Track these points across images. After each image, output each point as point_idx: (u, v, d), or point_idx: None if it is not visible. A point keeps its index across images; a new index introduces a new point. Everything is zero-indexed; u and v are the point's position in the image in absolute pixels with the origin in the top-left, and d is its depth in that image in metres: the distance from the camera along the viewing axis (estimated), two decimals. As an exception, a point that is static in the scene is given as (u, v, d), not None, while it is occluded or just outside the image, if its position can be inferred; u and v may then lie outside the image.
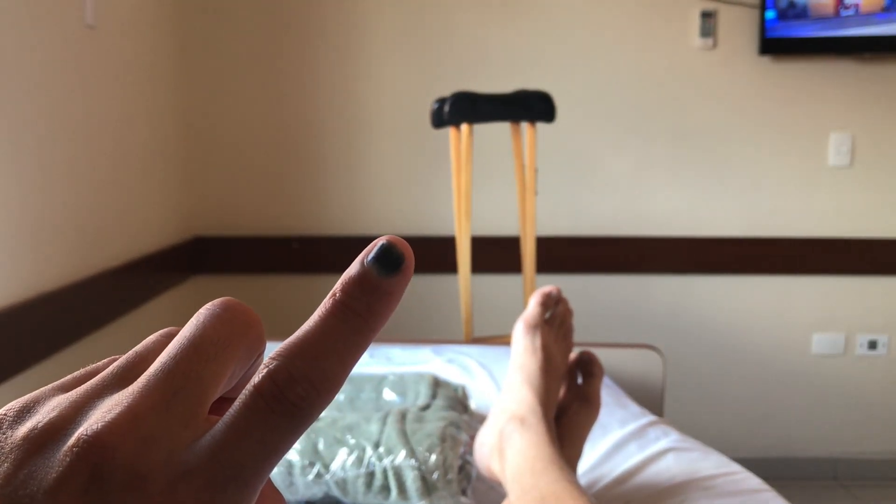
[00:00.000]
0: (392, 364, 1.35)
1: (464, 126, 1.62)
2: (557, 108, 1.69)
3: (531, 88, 1.70)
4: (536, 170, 1.70)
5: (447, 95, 1.65)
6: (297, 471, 0.83)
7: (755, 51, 2.27)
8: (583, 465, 0.95)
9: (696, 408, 2.40)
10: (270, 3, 2.25)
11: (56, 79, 1.45)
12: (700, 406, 2.40)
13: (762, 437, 2.43)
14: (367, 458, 0.83)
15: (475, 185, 2.08)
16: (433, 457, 0.82)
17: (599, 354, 0.92)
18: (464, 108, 1.61)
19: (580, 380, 0.88)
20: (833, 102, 2.30)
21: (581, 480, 0.91)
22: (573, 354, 0.89)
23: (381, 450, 0.83)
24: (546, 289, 0.90)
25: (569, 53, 2.28)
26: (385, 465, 0.82)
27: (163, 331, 0.24)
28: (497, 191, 2.26)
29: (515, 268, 1.96)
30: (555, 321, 0.89)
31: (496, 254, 2.25)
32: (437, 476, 0.81)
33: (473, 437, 0.90)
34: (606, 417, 1.06)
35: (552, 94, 1.66)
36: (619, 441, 1.01)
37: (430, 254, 2.25)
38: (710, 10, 2.26)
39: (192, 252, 2.26)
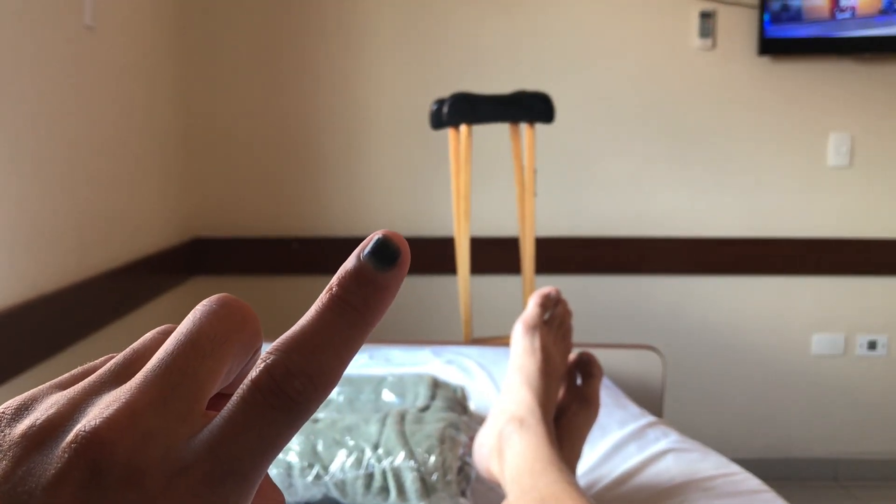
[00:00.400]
0: (391, 365, 1.35)
1: (463, 127, 1.62)
2: (556, 109, 1.69)
3: (530, 89, 1.70)
4: (535, 170, 1.70)
5: (446, 96, 1.65)
6: (297, 472, 0.83)
7: (754, 51, 2.27)
8: (582, 466, 0.95)
9: (696, 408, 2.40)
10: (270, 4, 2.25)
11: (55, 80, 1.45)
12: (700, 407, 2.40)
13: (762, 438, 2.43)
14: (367, 460, 0.83)
15: (474, 186, 2.08)
16: (432, 458, 0.82)
17: (599, 355, 0.92)
18: (463, 109, 1.61)
19: (579, 381, 0.87)
20: (832, 103, 2.30)
21: (580, 481, 0.91)
22: (572, 355, 0.89)
23: (381, 451, 0.83)
24: (545, 290, 0.90)
25: (568, 54, 2.28)
26: (384, 467, 0.82)
27: (159, 328, 0.24)
28: (496, 191, 2.26)
29: (515, 268, 1.96)
30: (554, 322, 0.89)
31: (495, 254, 2.25)
32: (437, 477, 0.81)
33: (473, 439, 0.90)
34: (606, 418, 1.06)
35: (551, 95, 1.66)
36: (619, 442, 1.01)
37: (430, 255, 2.25)
38: (710, 11, 2.26)
39: (192, 253, 2.26)
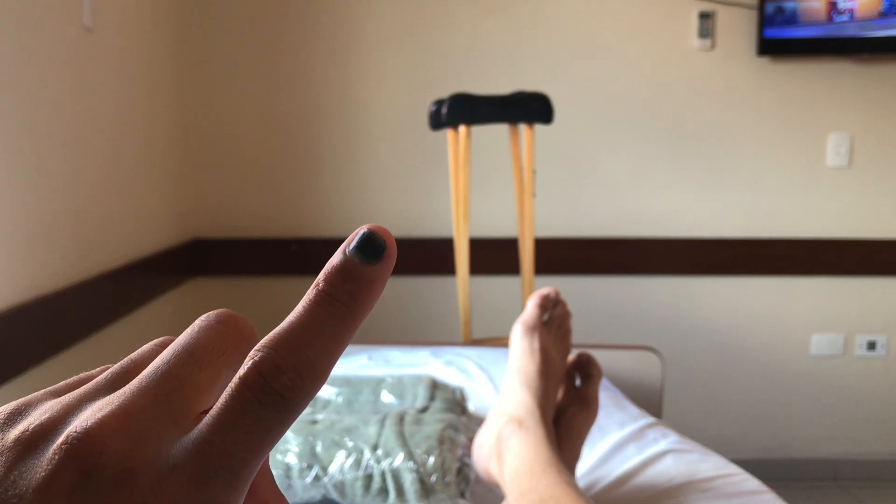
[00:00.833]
0: (390, 366, 1.35)
1: (462, 128, 1.62)
2: (555, 110, 1.69)
3: (529, 90, 1.70)
4: (534, 171, 1.70)
5: (445, 97, 1.65)
6: (296, 473, 0.83)
7: (753, 52, 2.27)
8: (581, 468, 0.95)
9: (695, 409, 2.40)
10: (269, 5, 2.25)
11: (54, 81, 1.45)
12: (699, 407, 2.40)
13: (761, 439, 2.43)
14: (366, 461, 0.83)
15: (473, 187, 2.09)
16: (431, 459, 0.82)
17: (598, 356, 0.92)
18: (462, 110, 1.61)
19: (578, 382, 0.87)
20: (831, 103, 2.30)
21: (580, 482, 0.91)
22: (571, 356, 0.89)
23: (380, 452, 0.83)
24: (544, 291, 0.90)
25: (567, 55, 2.28)
26: (383, 468, 0.82)
27: (157, 340, 0.24)
28: (495, 192, 2.26)
29: (514, 269, 1.96)
30: (553, 323, 0.89)
31: (494, 255, 2.25)
32: (436, 478, 0.81)
33: (472, 440, 0.90)
34: (605, 419, 1.06)
35: (550, 96, 1.66)
36: (618, 443, 1.01)
37: (429, 255, 2.25)
38: (709, 11, 2.26)
39: (191, 254, 2.26)
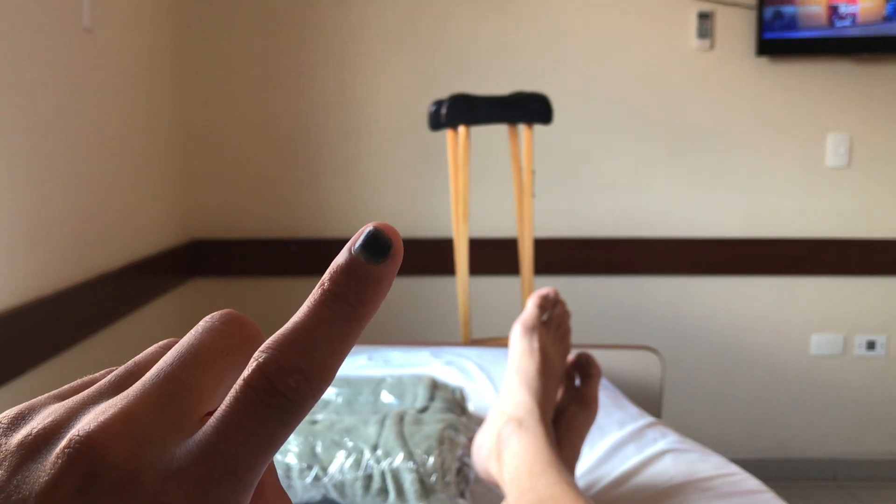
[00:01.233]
0: (390, 366, 1.35)
1: (461, 128, 1.62)
2: (554, 110, 1.69)
3: (528, 90, 1.70)
4: (534, 171, 1.70)
5: (444, 97, 1.65)
6: (296, 474, 0.83)
7: (753, 52, 2.27)
8: (581, 467, 0.95)
9: (695, 409, 2.40)
10: (268, 6, 2.25)
11: (53, 82, 1.45)
12: (698, 407, 2.40)
13: (761, 438, 2.43)
14: (365, 461, 0.83)
15: (473, 187, 2.09)
16: (431, 459, 0.82)
17: (597, 356, 0.92)
18: (461, 111, 1.61)
19: (578, 381, 0.88)
20: (831, 103, 2.30)
21: (579, 482, 0.91)
22: (571, 356, 0.89)
23: (380, 452, 0.83)
24: (543, 291, 0.90)
25: (566, 55, 2.28)
26: (383, 468, 0.82)
27: (161, 342, 0.24)
28: (495, 193, 2.26)
29: (513, 269, 1.96)
30: (552, 323, 0.89)
31: (494, 255, 2.25)
32: (436, 478, 0.81)
33: (471, 440, 0.90)
34: (604, 419, 1.06)
35: (549, 96, 1.66)
36: (618, 443, 1.01)
37: (428, 256, 2.25)
38: (708, 12, 2.26)
39: (191, 255, 2.26)
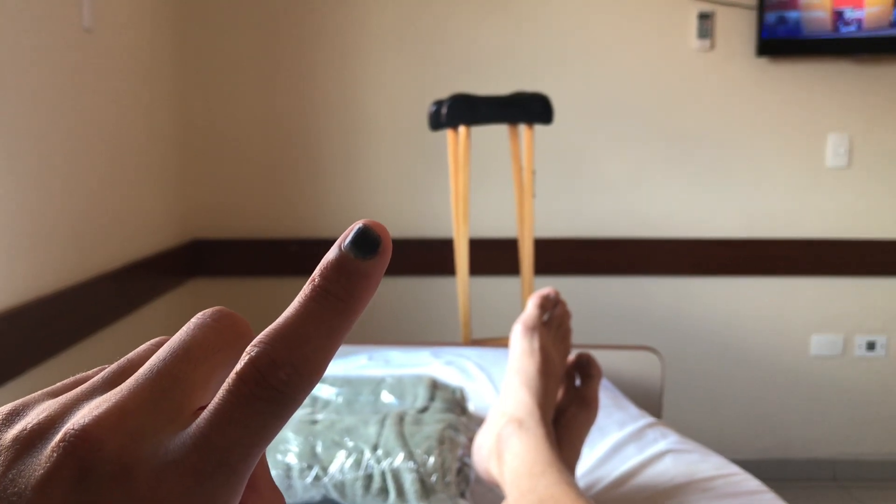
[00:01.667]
0: (390, 366, 1.35)
1: (461, 128, 1.62)
2: (555, 110, 1.69)
3: (529, 90, 1.70)
4: (534, 172, 1.70)
5: (445, 97, 1.65)
6: (296, 473, 0.83)
7: (753, 52, 2.27)
8: (581, 468, 0.95)
9: (695, 409, 2.40)
10: (268, 6, 2.25)
11: (53, 82, 1.45)
12: (699, 408, 2.40)
13: (761, 439, 2.43)
14: (366, 461, 0.83)
15: (473, 187, 2.08)
16: (431, 459, 0.82)
17: (598, 356, 0.92)
18: (461, 111, 1.61)
19: (578, 382, 0.87)
20: (831, 103, 2.30)
21: (579, 483, 0.91)
22: (571, 356, 0.89)
23: (380, 452, 0.83)
24: (544, 291, 0.90)
25: (566, 55, 2.28)
26: (383, 468, 0.82)
27: (153, 340, 0.25)
28: (495, 193, 2.26)
29: (513, 270, 1.96)
30: (553, 323, 0.89)
31: (494, 256, 2.25)
32: (436, 478, 0.81)
33: (472, 440, 0.90)
34: (605, 419, 1.06)
35: (550, 96, 1.66)
36: (618, 443, 1.01)
37: (429, 256, 2.25)
38: (708, 12, 2.26)
39: (190, 255, 2.26)
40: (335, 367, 1.33)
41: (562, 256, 2.31)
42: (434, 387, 1.04)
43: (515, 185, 1.70)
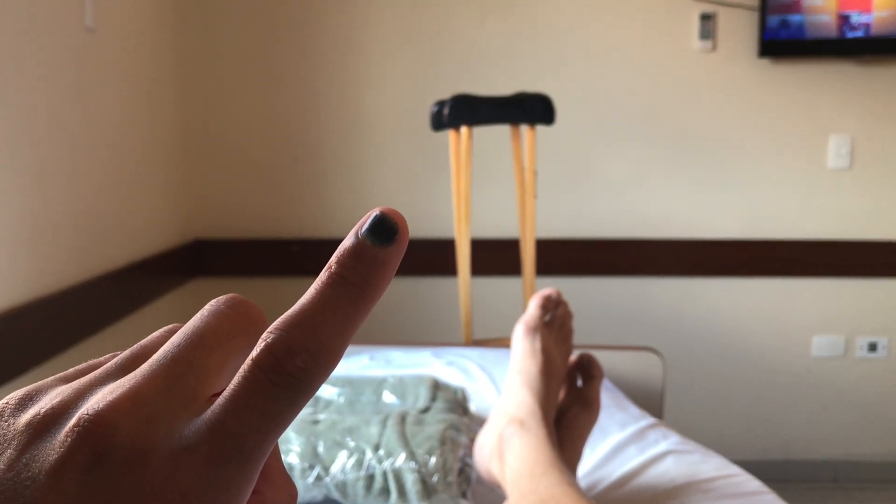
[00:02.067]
0: (392, 367, 1.35)
1: (463, 129, 1.62)
2: (557, 111, 1.69)
3: (530, 91, 1.70)
4: (536, 173, 1.70)
5: (446, 98, 1.65)
6: (297, 473, 0.83)
7: (754, 53, 2.27)
8: (582, 468, 0.95)
9: (697, 410, 2.40)
10: (270, 7, 2.25)
11: (56, 82, 1.45)
12: (700, 409, 2.40)
13: (762, 440, 2.43)
14: (367, 461, 0.83)
15: (475, 188, 2.09)
16: (433, 459, 0.82)
17: (599, 357, 0.92)
18: (463, 111, 1.62)
19: (580, 382, 0.88)
20: (832, 105, 2.30)
21: (581, 483, 0.91)
22: (573, 357, 0.89)
23: (381, 452, 0.83)
24: (546, 291, 0.90)
25: (568, 56, 2.28)
26: (385, 468, 0.82)
27: (167, 327, 0.25)
28: (497, 193, 2.26)
29: (515, 270, 1.96)
30: (555, 324, 0.89)
31: (496, 256, 2.25)
32: (437, 478, 0.81)
33: (473, 440, 0.90)
34: (606, 420, 1.06)
35: (552, 97, 1.66)
36: (619, 444, 1.01)
37: (430, 256, 2.25)
38: (710, 13, 2.26)
39: (192, 255, 2.26)
40: (336, 368, 1.32)
41: (563, 257, 2.31)
42: (436, 387, 1.04)
43: (517, 186, 1.70)
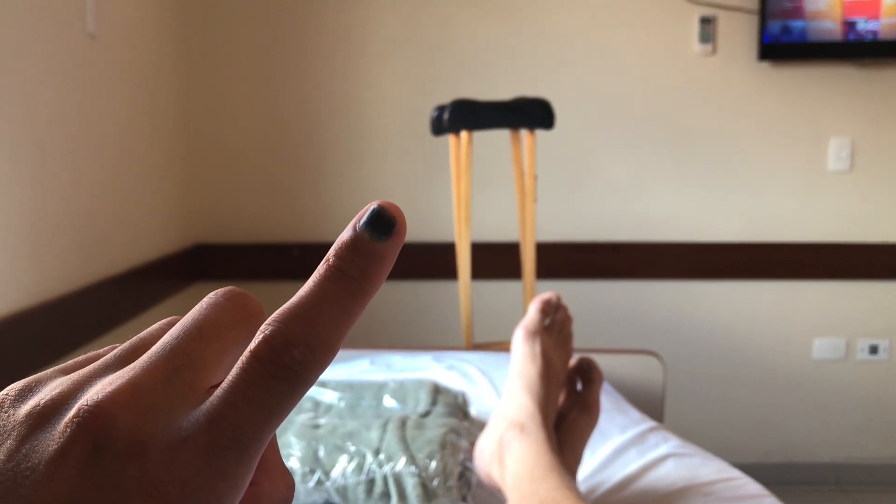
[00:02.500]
0: (392, 371, 1.35)
1: (463, 133, 1.63)
2: (557, 115, 1.69)
3: (530, 95, 1.70)
4: (536, 177, 1.70)
5: (447, 103, 1.65)
6: (298, 478, 0.84)
7: (754, 56, 2.27)
8: (582, 472, 0.95)
9: (697, 413, 2.40)
10: (271, 11, 2.25)
11: (57, 87, 1.46)
12: (700, 412, 2.40)
13: (763, 443, 2.42)
14: (368, 465, 0.83)
15: (475, 192, 2.09)
16: (433, 463, 0.82)
17: (599, 360, 0.92)
18: (463, 116, 1.62)
19: (580, 386, 0.88)
20: (833, 107, 2.31)
21: (581, 487, 0.91)
22: (573, 361, 0.89)
23: (382, 457, 0.83)
24: (546, 295, 0.91)
25: (568, 60, 2.28)
26: (385, 472, 0.82)
27: (165, 319, 0.25)
28: (497, 197, 2.27)
29: (515, 274, 1.96)
30: (554, 328, 0.89)
31: (496, 260, 2.25)
32: (438, 483, 0.81)
33: (473, 444, 0.90)
34: (606, 423, 1.06)
35: (551, 101, 1.67)
36: (619, 447, 1.01)
37: (431, 260, 2.25)
38: (710, 16, 2.26)
39: (193, 259, 2.26)
40: (337, 372, 1.33)
41: (563, 260, 2.31)
42: (436, 391, 1.04)
43: (517, 190, 1.70)
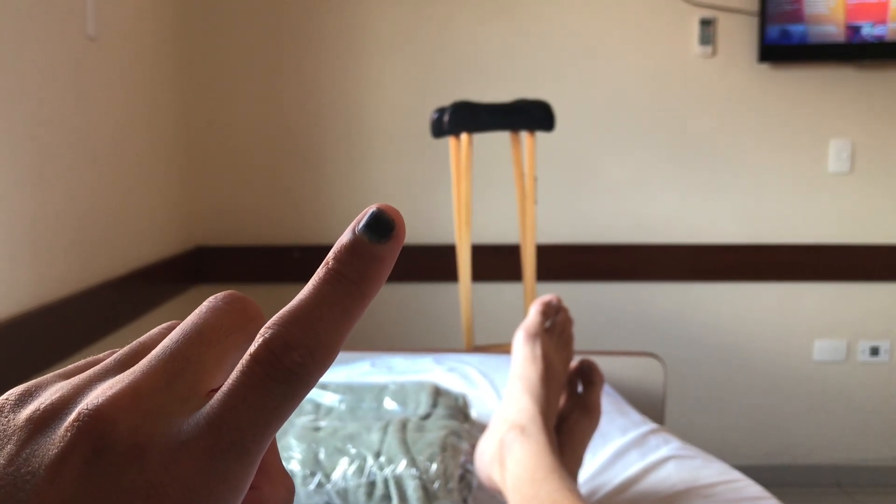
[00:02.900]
0: (393, 373, 1.35)
1: (463, 135, 1.63)
2: (557, 117, 1.69)
3: (530, 97, 1.71)
4: (536, 179, 1.70)
5: (447, 105, 1.65)
6: (299, 481, 0.84)
7: (754, 58, 2.27)
8: (583, 474, 0.95)
9: (698, 415, 2.39)
10: (271, 14, 2.26)
11: (57, 90, 1.46)
12: (701, 414, 2.40)
13: (764, 445, 2.42)
14: (368, 468, 0.83)
15: (475, 194, 2.09)
16: (434, 466, 0.82)
17: (600, 362, 0.92)
18: (463, 118, 1.62)
19: (581, 388, 0.88)
20: (833, 109, 2.31)
21: (582, 489, 0.91)
22: (573, 363, 0.89)
23: (382, 459, 0.83)
24: (546, 297, 0.91)
25: (568, 62, 2.29)
26: (386, 475, 0.82)
27: (165, 323, 0.25)
28: (497, 199, 2.27)
29: (516, 276, 1.96)
30: (555, 330, 0.89)
31: (496, 262, 2.25)
32: (438, 485, 0.81)
33: (474, 446, 0.90)
34: (607, 425, 1.06)
35: (551, 103, 1.67)
36: (620, 449, 1.01)
37: (431, 262, 2.25)
38: (710, 18, 2.27)
39: (194, 262, 2.26)
40: (337, 374, 1.33)
41: (564, 262, 2.31)
42: (437, 393, 1.04)
43: (517, 192, 1.70)
